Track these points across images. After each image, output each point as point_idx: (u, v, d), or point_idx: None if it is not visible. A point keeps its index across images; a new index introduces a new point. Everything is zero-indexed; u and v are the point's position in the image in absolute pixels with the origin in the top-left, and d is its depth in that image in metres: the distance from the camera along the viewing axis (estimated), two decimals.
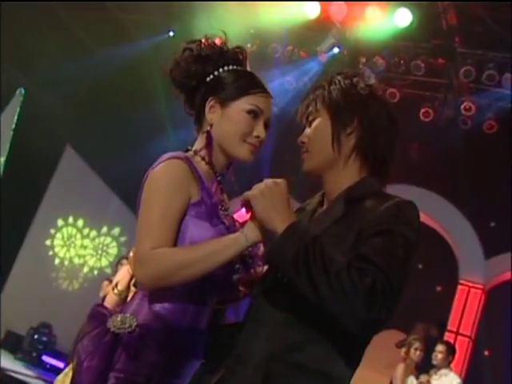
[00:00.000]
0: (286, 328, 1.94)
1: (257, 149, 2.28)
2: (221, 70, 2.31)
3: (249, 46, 8.95)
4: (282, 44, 9.37)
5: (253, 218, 1.98)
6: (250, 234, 2.00)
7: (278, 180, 1.99)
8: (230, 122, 2.25)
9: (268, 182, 1.98)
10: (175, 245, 2.11)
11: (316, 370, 1.91)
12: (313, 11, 8.69)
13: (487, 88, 8.82)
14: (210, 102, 2.27)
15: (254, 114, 2.25)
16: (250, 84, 2.29)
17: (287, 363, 1.91)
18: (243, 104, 2.25)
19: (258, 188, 1.96)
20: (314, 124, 2.12)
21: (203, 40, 2.34)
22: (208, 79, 2.30)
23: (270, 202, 1.93)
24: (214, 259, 2.01)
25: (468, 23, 8.46)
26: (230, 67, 2.32)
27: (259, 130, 2.26)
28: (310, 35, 9.17)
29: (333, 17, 8.61)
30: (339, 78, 2.11)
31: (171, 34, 9.71)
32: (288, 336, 1.93)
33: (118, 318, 2.13)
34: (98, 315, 2.18)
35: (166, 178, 2.14)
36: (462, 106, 9.04)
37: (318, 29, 8.93)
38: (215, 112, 2.27)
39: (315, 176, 2.14)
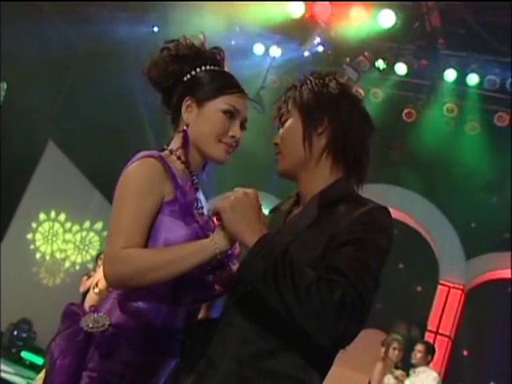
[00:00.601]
0: (258, 335, 1.92)
1: (232, 148, 2.27)
2: (198, 69, 2.30)
3: (233, 43, 8.96)
4: (266, 43, 9.37)
5: (223, 227, 1.96)
6: (220, 242, 1.99)
7: (248, 190, 1.97)
8: (206, 122, 2.24)
9: (238, 192, 1.95)
10: (147, 244, 2.11)
11: (289, 376, 1.90)
12: (297, 10, 8.70)
13: (470, 90, 8.89)
14: (186, 102, 2.27)
15: (230, 113, 2.24)
16: (226, 84, 2.29)
17: (260, 370, 1.90)
18: (219, 104, 2.24)
19: (227, 199, 1.94)
20: (286, 125, 2.10)
21: (181, 40, 2.33)
22: (185, 79, 2.30)
23: (239, 215, 1.91)
24: (182, 264, 2.01)
25: (451, 25, 8.51)
26: (208, 67, 2.31)
27: (235, 130, 2.25)
28: (294, 34, 9.18)
29: (317, 16, 8.63)
30: (311, 78, 2.10)
31: (155, 29, 9.69)
32: (260, 343, 1.92)
33: (91, 318, 2.13)
34: (72, 314, 2.18)
35: (138, 178, 2.13)
36: (445, 108, 9.11)
37: (303, 28, 8.94)
38: (192, 111, 2.27)
39: (289, 178, 2.12)
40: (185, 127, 2.27)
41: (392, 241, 1.96)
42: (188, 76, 2.30)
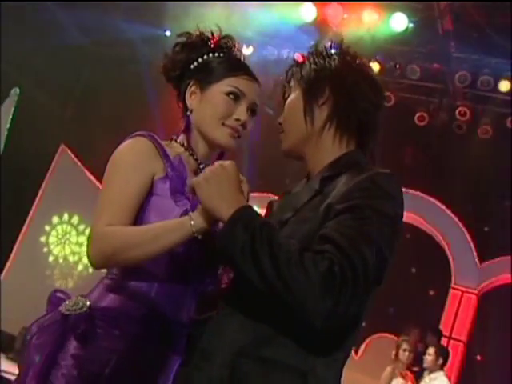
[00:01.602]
0: (254, 320, 1.76)
1: (238, 133, 2.17)
2: (205, 56, 2.22)
3: (245, 47, 8.97)
4: (278, 46, 9.37)
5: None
6: (196, 219, 1.88)
7: (226, 162, 1.85)
8: (209, 104, 2.16)
9: (214, 166, 1.85)
10: (134, 223, 2.04)
11: (286, 364, 1.72)
12: (309, 14, 8.70)
13: (482, 93, 8.85)
14: (190, 88, 2.20)
15: (235, 96, 2.15)
16: (232, 66, 2.20)
17: (255, 358, 1.72)
18: (223, 86, 2.16)
19: (203, 174, 1.84)
20: (287, 101, 2.02)
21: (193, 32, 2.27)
22: (192, 66, 2.23)
23: (215, 190, 1.78)
24: (159, 242, 1.92)
25: (464, 28, 8.47)
26: (216, 54, 2.23)
27: (240, 113, 2.15)
28: (306, 38, 9.17)
29: (329, 20, 8.62)
30: (313, 50, 2.02)
31: (167, 33, 9.70)
32: (256, 329, 1.75)
33: (72, 301, 2.06)
34: (55, 300, 2.12)
35: (126, 156, 2.08)
36: (457, 111, 9.06)
37: (314, 32, 8.93)
38: (196, 97, 2.19)
39: (295, 157, 2.00)
40: (188, 113, 2.20)
41: (401, 209, 1.77)
42: (195, 63, 2.23)
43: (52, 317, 2.08)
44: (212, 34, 2.27)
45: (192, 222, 1.88)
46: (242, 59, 2.30)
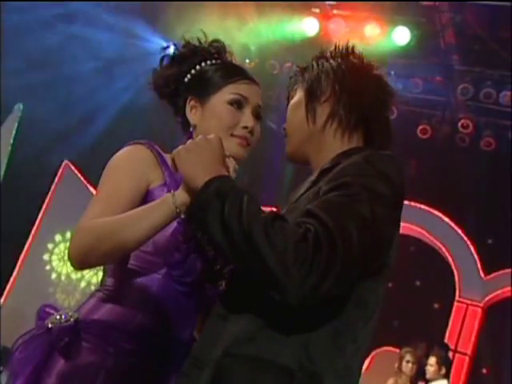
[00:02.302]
0: (241, 319, 1.66)
1: (247, 141, 2.08)
2: (197, 67, 2.14)
3: (247, 61, 9.00)
4: (281, 61, 9.40)
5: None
6: (179, 194, 1.78)
7: (211, 135, 1.79)
8: (213, 118, 2.06)
9: (198, 137, 1.79)
10: None
11: (272, 362, 1.59)
12: (312, 28, 8.73)
13: (485, 105, 8.85)
14: (189, 103, 2.11)
15: (238, 103, 2.07)
16: (228, 73, 2.12)
17: (241, 357, 1.62)
18: (224, 95, 2.07)
19: (184, 145, 1.78)
20: (290, 104, 1.96)
21: (179, 42, 2.21)
22: (185, 79, 2.15)
23: (195, 159, 1.70)
24: (141, 223, 1.82)
25: (466, 41, 8.50)
26: (208, 62, 2.15)
27: (246, 120, 2.06)
28: (308, 52, 9.18)
29: (332, 34, 8.64)
30: (317, 56, 1.98)
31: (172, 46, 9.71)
32: (242, 326, 1.65)
33: (60, 314, 1.97)
34: (44, 315, 2.03)
35: (121, 162, 2.02)
36: (460, 124, 9.06)
37: (317, 46, 8.95)
38: (197, 112, 2.10)
39: (300, 161, 1.95)
40: (191, 129, 2.11)
41: (399, 192, 1.66)
42: (188, 76, 2.15)
43: (38, 330, 1.99)
44: (199, 41, 2.20)
45: (174, 198, 1.79)
46: (234, 61, 2.22)
